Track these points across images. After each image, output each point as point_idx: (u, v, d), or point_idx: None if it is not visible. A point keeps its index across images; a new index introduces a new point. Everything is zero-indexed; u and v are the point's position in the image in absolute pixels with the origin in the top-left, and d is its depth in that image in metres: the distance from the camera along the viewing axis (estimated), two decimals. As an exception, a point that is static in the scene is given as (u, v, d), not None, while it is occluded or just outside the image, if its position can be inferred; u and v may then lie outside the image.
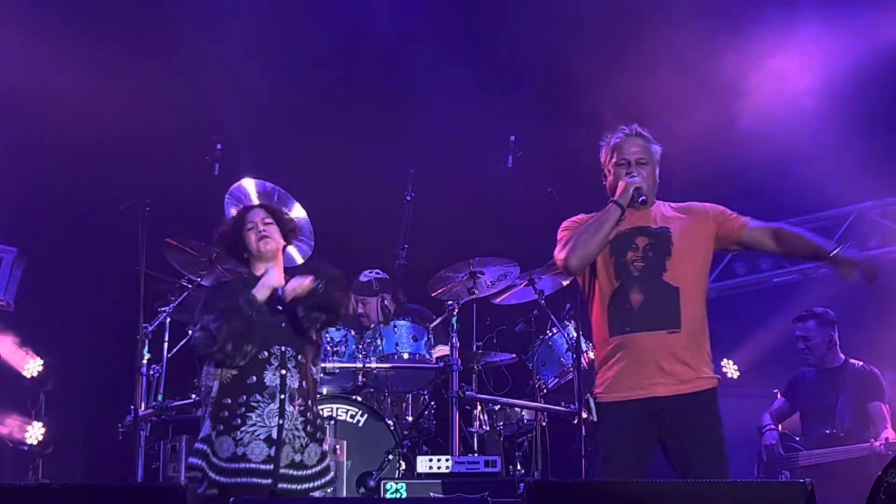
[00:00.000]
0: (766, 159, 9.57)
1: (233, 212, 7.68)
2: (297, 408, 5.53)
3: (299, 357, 5.60)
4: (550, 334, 7.99)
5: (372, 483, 6.98)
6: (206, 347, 5.49)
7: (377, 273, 8.35)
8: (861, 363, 8.20)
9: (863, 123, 9.35)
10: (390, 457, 7.20)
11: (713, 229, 5.21)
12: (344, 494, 6.95)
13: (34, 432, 8.42)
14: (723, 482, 4.05)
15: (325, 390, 7.81)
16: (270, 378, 5.50)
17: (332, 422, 6.99)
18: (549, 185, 7.35)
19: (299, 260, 7.86)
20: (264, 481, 5.37)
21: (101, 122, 8.66)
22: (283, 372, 5.53)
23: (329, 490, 5.78)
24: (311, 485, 5.53)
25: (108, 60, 8.83)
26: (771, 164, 9.57)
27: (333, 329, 7.77)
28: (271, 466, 5.41)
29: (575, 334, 7.61)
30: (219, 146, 7.49)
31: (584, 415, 5.19)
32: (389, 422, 7.48)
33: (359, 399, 7.64)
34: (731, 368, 9.52)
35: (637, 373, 4.97)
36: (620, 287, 5.07)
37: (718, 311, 9.19)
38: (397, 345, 7.69)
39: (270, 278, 5.64)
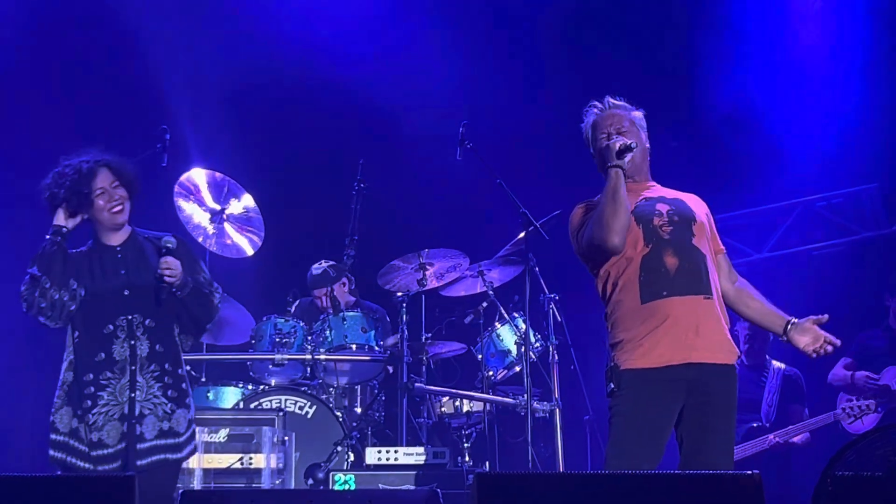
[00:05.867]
0: (711, 153, 9.62)
1: (181, 203, 7.64)
2: (150, 375, 5.09)
3: (147, 322, 5.12)
4: (499, 325, 7.98)
5: (320, 475, 6.95)
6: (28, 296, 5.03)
7: (327, 261, 8.31)
8: (784, 366, 8.21)
9: (809, 117, 9.43)
10: (339, 448, 7.19)
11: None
12: (292, 486, 6.91)
13: None
14: (674, 474, 4.07)
15: (273, 381, 7.82)
16: (119, 352, 5.05)
17: (281, 413, 6.95)
18: (498, 177, 7.33)
19: (249, 252, 7.84)
20: (115, 464, 4.95)
21: (47, 106, 8.60)
22: (133, 342, 5.08)
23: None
24: (183, 454, 5.14)
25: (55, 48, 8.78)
26: (715, 158, 9.61)
27: (281, 320, 7.76)
28: (124, 445, 4.99)
29: (523, 326, 7.62)
30: (167, 136, 7.43)
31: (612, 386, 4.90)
32: (338, 413, 7.47)
33: (307, 390, 7.63)
34: None
35: (676, 338, 4.74)
36: (652, 251, 4.84)
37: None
38: (346, 336, 7.67)
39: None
